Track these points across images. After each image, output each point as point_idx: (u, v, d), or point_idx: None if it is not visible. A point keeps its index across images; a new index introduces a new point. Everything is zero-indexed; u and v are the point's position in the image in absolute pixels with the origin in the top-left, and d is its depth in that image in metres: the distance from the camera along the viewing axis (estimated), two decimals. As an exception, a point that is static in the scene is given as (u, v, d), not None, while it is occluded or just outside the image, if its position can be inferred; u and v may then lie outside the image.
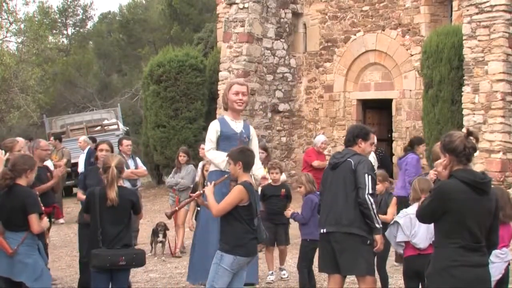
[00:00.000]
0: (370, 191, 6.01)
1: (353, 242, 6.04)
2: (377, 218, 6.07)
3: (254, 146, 7.39)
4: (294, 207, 8.68)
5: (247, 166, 5.95)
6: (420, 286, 6.18)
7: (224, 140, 7.30)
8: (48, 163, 10.49)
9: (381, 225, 6.19)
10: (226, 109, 7.52)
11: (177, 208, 6.92)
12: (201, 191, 6.08)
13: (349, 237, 6.05)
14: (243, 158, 5.93)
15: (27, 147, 9.22)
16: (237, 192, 5.78)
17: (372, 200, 6.01)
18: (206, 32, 28.10)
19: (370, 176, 6.05)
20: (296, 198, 9.65)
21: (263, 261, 9.08)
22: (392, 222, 6.39)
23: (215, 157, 7.25)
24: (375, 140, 12.97)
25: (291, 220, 8.54)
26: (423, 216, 4.75)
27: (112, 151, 8.45)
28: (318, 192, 7.19)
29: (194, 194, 6.30)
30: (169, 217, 7.07)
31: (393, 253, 8.85)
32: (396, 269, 8.92)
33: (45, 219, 6.52)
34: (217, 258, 5.83)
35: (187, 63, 18.86)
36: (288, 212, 8.14)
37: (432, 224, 4.72)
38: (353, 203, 6.05)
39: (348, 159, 6.17)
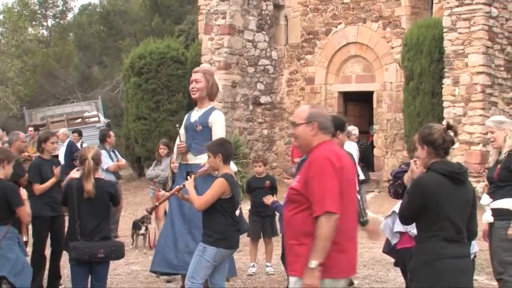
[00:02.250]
0: (357, 187, 6.02)
1: None
2: (363, 211, 6.07)
3: (214, 134, 7.07)
4: (280, 200, 8.67)
5: (227, 157, 5.91)
6: None
7: (187, 132, 7.23)
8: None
9: (366, 218, 6.21)
10: None
11: (157, 203, 6.90)
12: (182, 185, 6.05)
13: None
14: (223, 150, 5.89)
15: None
16: (219, 184, 5.76)
17: (358, 196, 6.02)
18: (187, 24, 27.99)
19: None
20: (283, 190, 9.64)
21: (245, 253, 9.11)
22: (389, 212, 6.40)
23: (174, 150, 7.23)
24: (357, 132, 13.14)
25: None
26: (406, 216, 4.72)
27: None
28: None
29: (174, 189, 6.27)
30: (149, 212, 7.08)
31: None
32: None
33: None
34: (199, 250, 5.81)
35: (168, 55, 18.80)
36: (268, 199, 7.96)
37: None
38: None
39: None
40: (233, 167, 6.55)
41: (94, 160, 6.19)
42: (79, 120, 22.77)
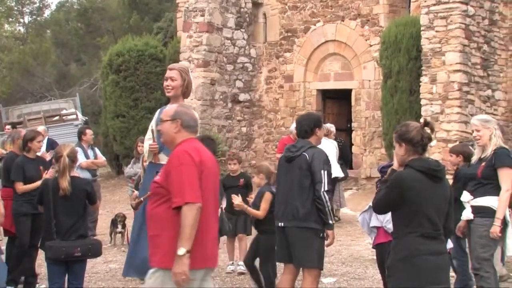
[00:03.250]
0: (326, 188, 6.03)
1: (307, 236, 6.07)
2: (331, 214, 6.10)
3: None
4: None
5: None
6: None
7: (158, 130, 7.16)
8: None
9: (333, 221, 6.24)
10: None
11: (142, 198, 6.84)
12: None
13: (305, 231, 6.08)
14: (205, 147, 5.86)
15: None
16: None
17: (327, 197, 6.04)
18: (165, 22, 27.89)
19: (326, 172, 6.06)
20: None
21: (223, 251, 9.10)
22: (366, 207, 6.44)
23: (145, 148, 7.06)
24: (334, 130, 13.17)
25: None
26: (379, 207, 4.79)
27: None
28: None
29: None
30: (135, 208, 7.02)
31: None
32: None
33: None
34: None
35: (146, 53, 18.75)
36: (235, 198, 7.46)
37: None
38: (310, 197, 6.06)
39: (303, 153, 6.15)
40: None
41: (69, 157, 6.15)
42: (56, 117, 22.58)
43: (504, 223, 6.25)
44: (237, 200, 7.41)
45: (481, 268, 6.23)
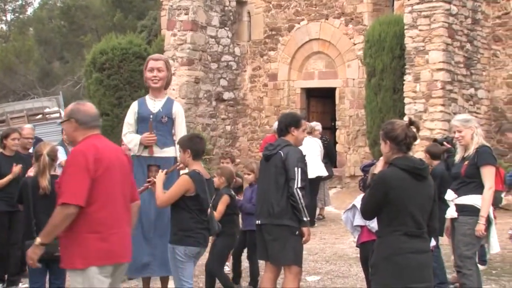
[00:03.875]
0: (300, 185, 6.03)
1: (282, 233, 6.08)
2: (305, 211, 6.11)
3: (179, 126, 6.96)
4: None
5: (197, 154, 5.82)
6: None
7: (141, 122, 6.95)
8: None
9: (308, 218, 6.24)
10: (148, 88, 7.17)
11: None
12: (154, 179, 5.96)
13: (279, 228, 6.09)
14: (192, 145, 5.80)
15: None
16: (182, 182, 5.69)
17: (301, 194, 6.04)
18: (149, 20, 27.81)
19: (300, 169, 6.07)
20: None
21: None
22: (349, 206, 6.46)
23: (129, 141, 6.93)
24: (320, 128, 13.19)
25: None
26: (367, 211, 4.76)
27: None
28: None
29: (147, 182, 6.19)
30: None
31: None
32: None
33: None
34: (171, 253, 5.76)
35: (130, 51, 18.65)
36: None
37: None
38: (284, 195, 6.07)
39: (279, 151, 6.17)
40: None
41: (49, 156, 6.12)
42: (39, 116, 22.45)
43: (488, 221, 6.29)
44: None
45: (464, 266, 6.27)
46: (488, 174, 6.29)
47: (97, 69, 18.66)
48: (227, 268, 8.70)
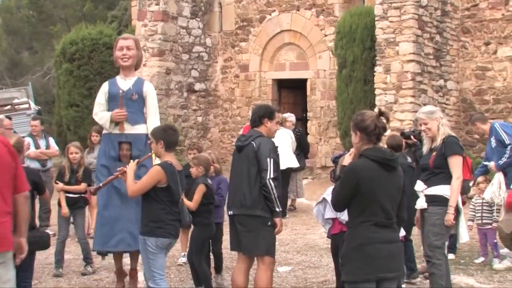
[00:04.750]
0: (272, 175, 6.06)
1: (255, 223, 6.10)
2: (277, 201, 6.13)
3: (150, 105, 7.03)
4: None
5: (169, 145, 5.80)
6: None
7: (112, 100, 7.01)
8: None
9: (281, 209, 6.26)
10: (119, 68, 7.23)
11: (101, 184, 6.73)
12: (125, 169, 5.92)
13: (252, 219, 6.11)
14: (165, 136, 5.77)
15: None
16: (153, 173, 5.66)
17: (273, 184, 6.05)
18: (120, 10, 27.58)
19: (272, 160, 6.09)
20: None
21: (178, 241, 9.06)
22: (320, 199, 6.48)
23: (101, 118, 6.98)
24: (294, 119, 13.22)
25: None
26: (338, 203, 4.79)
27: None
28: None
29: (117, 171, 6.14)
30: (93, 193, 6.91)
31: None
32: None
33: None
34: (142, 244, 5.74)
35: (101, 41, 18.51)
36: None
37: None
38: (256, 185, 6.09)
39: (251, 142, 6.18)
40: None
41: (15, 147, 6.05)
42: (8, 107, 22.17)
43: (457, 211, 6.37)
44: None
45: (433, 255, 6.34)
46: (455, 164, 6.35)
47: (67, 59, 18.50)
48: (183, 260, 8.64)
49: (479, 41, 15.20)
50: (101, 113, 7.02)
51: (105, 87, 7.14)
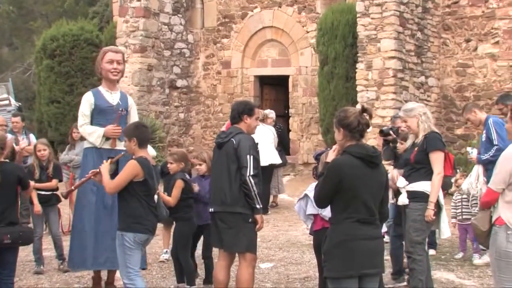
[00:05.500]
0: (252, 172, 6.06)
1: (235, 220, 6.11)
2: (258, 198, 6.13)
3: (133, 118, 7.03)
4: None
5: (142, 142, 5.83)
6: None
7: (100, 114, 6.91)
8: None
9: (261, 205, 6.26)
10: (100, 79, 7.15)
11: (73, 187, 6.71)
12: (98, 169, 5.94)
13: (233, 216, 6.11)
14: (138, 134, 5.81)
15: None
16: (131, 167, 5.68)
17: (253, 181, 6.06)
18: (101, 6, 27.46)
19: (252, 157, 6.10)
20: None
21: (161, 238, 9.06)
22: (302, 195, 6.49)
23: (90, 134, 6.87)
24: (274, 116, 13.22)
25: None
26: (321, 199, 4.80)
27: None
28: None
29: (90, 172, 6.13)
30: (65, 197, 6.90)
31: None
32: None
33: None
34: (119, 239, 5.73)
35: (82, 38, 18.45)
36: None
37: None
38: (236, 182, 6.09)
39: (231, 138, 6.18)
40: (151, 151, 6.45)
41: None
42: (-12, 103, 21.99)
43: (438, 207, 6.41)
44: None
45: (414, 251, 6.38)
46: (436, 160, 6.38)
47: (48, 55, 18.42)
48: (166, 256, 8.58)
49: (460, 38, 15.28)
50: (89, 128, 6.90)
51: (90, 98, 6.99)
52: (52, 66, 18.35)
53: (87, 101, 6.98)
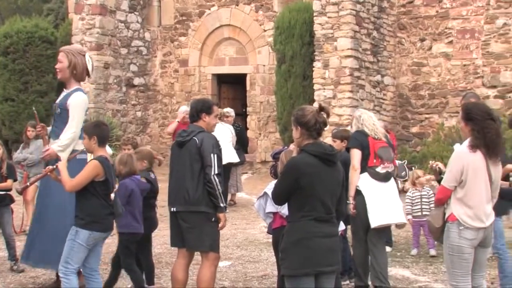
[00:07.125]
0: (217, 171, 6.06)
1: (198, 219, 6.09)
2: (222, 197, 6.14)
3: (70, 117, 6.77)
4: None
5: (102, 140, 5.80)
6: None
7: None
8: None
9: (225, 204, 6.27)
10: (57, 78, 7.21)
11: (28, 184, 6.61)
12: (54, 166, 5.87)
13: (196, 215, 6.10)
14: (98, 132, 5.77)
15: None
16: (92, 167, 5.65)
17: (218, 180, 6.06)
18: (56, 3, 27.11)
19: (216, 155, 6.09)
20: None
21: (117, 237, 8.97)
22: (261, 193, 6.50)
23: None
24: (233, 114, 13.22)
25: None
26: (279, 197, 4.82)
27: None
28: (138, 176, 6.85)
29: (46, 169, 6.06)
30: (20, 193, 6.78)
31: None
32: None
33: None
34: (72, 234, 5.69)
35: (36, 35, 18.17)
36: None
37: None
38: (200, 181, 6.08)
39: (194, 137, 6.15)
40: (108, 149, 6.38)
41: None
42: None
43: (361, 198, 6.76)
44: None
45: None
46: (352, 156, 6.82)
47: (1, 53, 18.13)
48: None
49: (415, 37, 15.50)
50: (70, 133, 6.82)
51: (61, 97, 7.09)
52: (6, 63, 18.05)
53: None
